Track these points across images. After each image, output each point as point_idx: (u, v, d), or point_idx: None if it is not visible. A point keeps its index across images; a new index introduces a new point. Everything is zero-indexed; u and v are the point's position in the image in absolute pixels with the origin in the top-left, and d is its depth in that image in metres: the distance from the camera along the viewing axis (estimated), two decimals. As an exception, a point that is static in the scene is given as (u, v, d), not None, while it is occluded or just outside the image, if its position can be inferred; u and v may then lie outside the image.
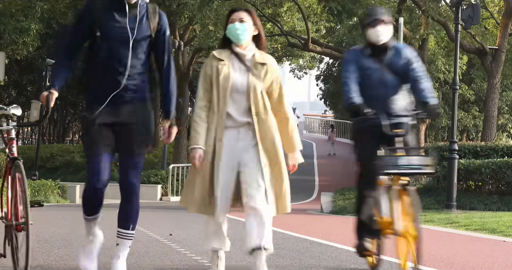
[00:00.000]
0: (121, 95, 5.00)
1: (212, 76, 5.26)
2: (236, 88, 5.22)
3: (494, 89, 23.82)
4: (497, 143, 20.18)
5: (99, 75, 5.02)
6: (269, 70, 5.28)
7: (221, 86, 5.22)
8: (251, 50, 5.31)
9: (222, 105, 5.21)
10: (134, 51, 4.98)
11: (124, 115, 5.03)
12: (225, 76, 5.22)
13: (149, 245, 7.86)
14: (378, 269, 6.04)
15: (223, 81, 5.22)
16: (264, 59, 5.30)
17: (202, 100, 5.29)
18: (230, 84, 5.20)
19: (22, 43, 28.87)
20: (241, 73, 5.25)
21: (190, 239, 8.70)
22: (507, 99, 39.75)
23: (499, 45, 23.96)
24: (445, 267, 6.38)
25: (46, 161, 34.07)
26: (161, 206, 20.40)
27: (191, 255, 6.96)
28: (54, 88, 4.95)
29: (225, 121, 5.22)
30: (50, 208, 16.46)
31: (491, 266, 6.59)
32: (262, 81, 5.24)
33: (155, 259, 6.54)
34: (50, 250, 7.08)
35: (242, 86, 5.22)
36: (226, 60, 5.28)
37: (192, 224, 11.32)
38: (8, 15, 29.12)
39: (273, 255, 7.04)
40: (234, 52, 5.30)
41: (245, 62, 5.27)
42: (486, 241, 9.42)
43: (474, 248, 8.44)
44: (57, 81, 5.00)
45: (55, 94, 4.92)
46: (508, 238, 9.96)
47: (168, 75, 5.16)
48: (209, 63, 5.31)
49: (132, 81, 5.01)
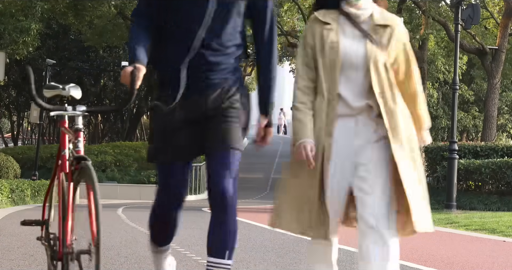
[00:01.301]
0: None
1: (314, 47, 3.88)
2: (349, 62, 3.81)
3: (494, 89, 23.83)
4: (497, 143, 20.21)
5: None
6: (394, 34, 3.85)
7: (328, 60, 3.82)
8: (368, 9, 3.87)
9: (330, 85, 3.81)
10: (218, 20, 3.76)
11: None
12: (333, 45, 3.82)
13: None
14: None
15: (331, 52, 3.81)
16: (386, 20, 3.86)
17: (303, 79, 3.89)
18: (341, 56, 3.80)
19: (22, 43, 28.88)
20: (356, 40, 3.84)
21: (190, 239, 8.70)
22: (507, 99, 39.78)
23: (499, 45, 23.97)
24: (445, 267, 6.38)
25: (46, 161, 34.05)
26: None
27: (191, 255, 6.96)
28: (140, 62, 3.65)
29: (336, 107, 3.80)
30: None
31: (491, 266, 6.59)
32: (386, 50, 3.83)
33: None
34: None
35: (357, 58, 3.81)
36: (334, 23, 3.86)
37: (192, 224, 11.32)
38: (8, 15, 29.13)
39: (273, 255, 7.04)
40: (344, 12, 3.87)
41: (360, 25, 3.85)
42: (486, 241, 9.42)
43: (474, 248, 8.43)
44: (141, 53, 3.70)
45: (142, 70, 3.61)
46: (508, 238, 9.96)
47: (271, 50, 3.93)
48: (310, 29, 3.92)
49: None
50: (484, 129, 24.31)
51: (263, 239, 8.87)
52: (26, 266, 5.79)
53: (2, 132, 54.53)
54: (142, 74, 3.59)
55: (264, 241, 8.52)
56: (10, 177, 28.45)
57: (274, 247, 7.90)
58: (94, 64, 42.63)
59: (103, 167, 33.73)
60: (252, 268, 6.00)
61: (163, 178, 3.84)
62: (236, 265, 6.22)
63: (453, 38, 20.71)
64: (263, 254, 7.12)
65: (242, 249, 7.55)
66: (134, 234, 9.26)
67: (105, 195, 28.03)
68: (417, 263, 6.62)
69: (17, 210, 14.76)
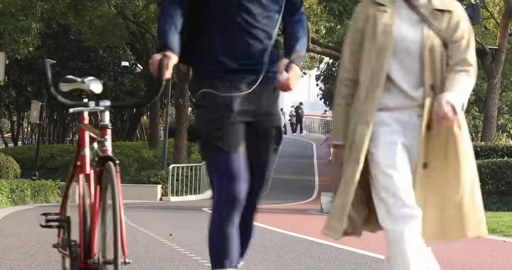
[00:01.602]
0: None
1: (364, 31, 3.50)
2: (405, 48, 3.47)
3: (494, 89, 23.84)
4: (497, 143, 20.22)
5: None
6: (454, 20, 3.52)
7: (378, 44, 3.46)
8: None
9: (375, 73, 3.45)
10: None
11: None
12: (386, 28, 3.46)
13: (149, 245, 7.86)
14: None
15: (383, 36, 3.45)
16: (445, 4, 3.52)
17: (347, 71, 3.55)
18: (395, 41, 3.45)
19: (23, 43, 28.90)
20: (412, 25, 3.49)
21: (190, 239, 8.70)
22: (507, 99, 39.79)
23: (499, 45, 23.98)
24: (445, 267, 6.38)
25: (46, 161, 34.08)
26: (161, 206, 20.39)
27: (191, 255, 6.96)
28: (171, 49, 3.30)
29: (384, 99, 3.45)
30: (50, 208, 16.48)
31: (491, 266, 6.59)
32: (444, 36, 3.49)
33: (155, 260, 6.54)
34: (50, 250, 7.08)
35: (413, 44, 3.46)
36: (389, 5, 3.51)
37: (192, 224, 11.32)
38: (8, 15, 29.14)
39: (273, 255, 7.04)
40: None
41: (418, 8, 3.50)
42: (486, 241, 9.42)
43: (474, 248, 8.44)
44: (174, 40, 3.34)
45: (172, 59, 3.27)
46: (508, 238, 9.96)
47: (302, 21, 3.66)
48: (363, 12, 3.55)
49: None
50: (484, 129, 24.32)
51: (263, 239, 8.88)
52: (26, 266, 5.79)
53: (2, 132, 54.52)
54: (173, 63, 3.25)
55: (264, 241, 8.53)
56: (10, 177, 28.45)
57: (274, 247, 7.90)
58: (94, 64, 42.62)
59: (103, 167, 33.76)
60: (252, 268, 6.00)
61: (229, 167, 3.38)
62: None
63: (453, 38, 20.72)
64: (263, 254, 7.12)
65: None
66: (134, 234, 9.26)
67: (105, 195, 28.02)
68: (417, 263, 6.62)
69: (17, 210, 14.77)
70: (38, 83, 40.00)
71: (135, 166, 34.17)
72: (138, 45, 40.56)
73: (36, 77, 40.39)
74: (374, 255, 7.19)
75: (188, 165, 30.43)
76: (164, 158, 31.06)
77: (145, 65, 38.00)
